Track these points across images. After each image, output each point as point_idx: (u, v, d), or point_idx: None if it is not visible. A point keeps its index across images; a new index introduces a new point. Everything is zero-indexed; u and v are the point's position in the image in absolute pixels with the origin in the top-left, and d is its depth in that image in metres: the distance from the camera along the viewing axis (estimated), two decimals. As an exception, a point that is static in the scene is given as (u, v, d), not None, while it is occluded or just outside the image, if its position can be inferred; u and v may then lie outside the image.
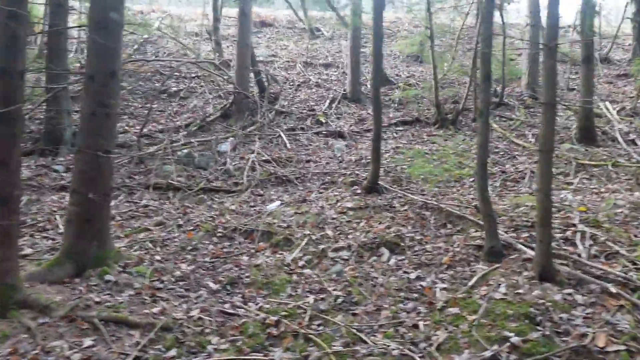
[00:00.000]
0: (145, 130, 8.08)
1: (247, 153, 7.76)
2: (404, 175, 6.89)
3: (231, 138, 8.14)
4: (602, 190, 6.35)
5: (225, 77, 9.83)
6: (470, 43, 14.62)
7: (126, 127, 8.07)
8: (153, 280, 3.79)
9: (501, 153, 8.01)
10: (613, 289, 3.62)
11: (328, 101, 10.40)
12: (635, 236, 4.65)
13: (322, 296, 3.90)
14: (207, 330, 3.24)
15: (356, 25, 10.73)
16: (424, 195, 6.32)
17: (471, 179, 7.06)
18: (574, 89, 12.03)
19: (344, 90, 10.79)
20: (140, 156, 6.87)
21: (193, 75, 10.94)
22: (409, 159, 7.38)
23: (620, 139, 8.31)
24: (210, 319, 3.36)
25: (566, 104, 10.20)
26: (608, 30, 15.72)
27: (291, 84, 11.51)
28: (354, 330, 3.37)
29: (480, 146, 4.43)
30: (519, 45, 13.30)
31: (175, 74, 10.75)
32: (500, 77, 12.44)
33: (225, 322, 3.36)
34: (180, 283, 3.86)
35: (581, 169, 7.16)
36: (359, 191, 6.47)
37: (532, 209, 5.43)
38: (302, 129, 9.17)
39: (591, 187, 6.53)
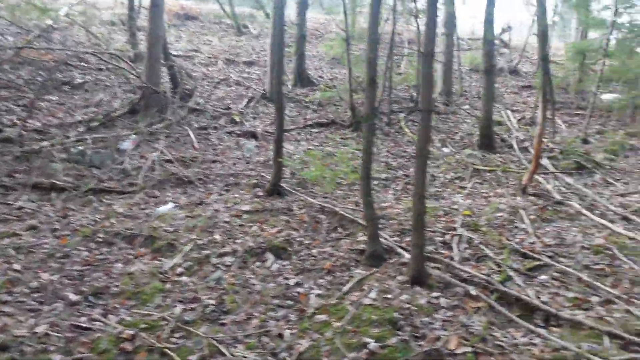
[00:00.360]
0: (38, 124, 7.53)
1: (150, 152, 7.43)
2: (331, 176, 6.87)
3: (134, 135, 7.76)
4: (491, 194, 6.70)
5: (134, 70, 9.35)
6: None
7: (16, 121, 7.45)
8: (1, 293, 3.48)
9: (407, 157, 8.23)
10: (474, 292, 3.79)
11: (246, 100, 10.23)
12: (507, 239, 4.92)
13: (192, 306, 3.76)
14: (51, 348, 3.01)
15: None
16: (325, 198, 6.36)
17: (375, 182, 7.20)
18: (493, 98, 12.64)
19: (264, 90, 10.66)
20: (25, 152, 6.35)
21: (102, 67, 10.34)
22: (318, 161, 7.39)
23: (515, 146, 8.84)
24: (58, 335, 3.12)
25: (469, 112, 10.68)
26: (519, 44, 16.75)
27: (210, 80, 11.22)
28: (215, 342, 3.27)
29: (365, 150, 4.48)
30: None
31: (82, 64, 10.12)
32: (418, 83, 12.91)
33: (75, 338, 3.13)
34: (35, 295, 3.57)
35: (476, 174, 7.52)
36: (260, 193, 6.38)
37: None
38: (215, 128, 8.94)
39: (482, 191, 6.87)
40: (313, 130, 9.21)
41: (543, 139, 6.74)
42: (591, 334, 3.28)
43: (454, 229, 5.08)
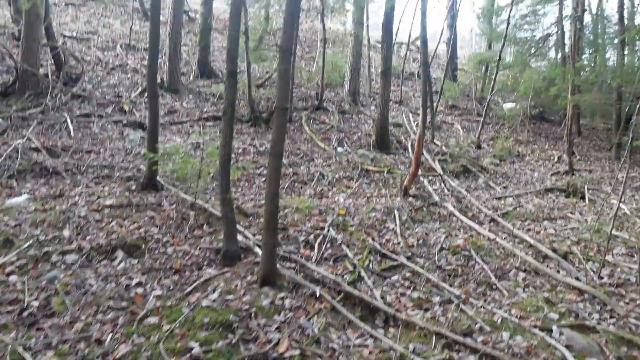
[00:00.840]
0: None
1: (16, 138, 6.74)
2: (191, 171, 6.56)
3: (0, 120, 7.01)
4: (375, 194, 6.77)
5: (9, 49, 8.47)
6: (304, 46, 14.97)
7: None
8: None
9: (301, 155, 8.15)
10: (318, 293, 3.72)
11: (140, 89, 9.65)
12: (373, 239, 4.94)
13: (9, 308, 3.36)
14: None
15: (178, 10, 10.15)
16: (206, 194, 6.10)
17: (263, 179, 7.04)
18: (396, 102, 12.96)
19: (161, 79, 10.13)
20: None
21: (-25, 43, 9.29)
22: (184, 155, 6.94)
23: (409, 148, 9.07)
24: None
25: (366, 113, 10.85)
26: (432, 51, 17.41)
27: (104, 66, 10.48)
28: (22, 349, 2.91)
29: (223, 145, 4.27)
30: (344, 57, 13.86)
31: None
32: (332, 82, 12.95)
33: None
34: None
35: (365, 174, 7.60)
36: (134, 187, 5.98)
37: (297, 210, 5.51)
38: (100, 116, 8.32)
39: (367, 191, 6.93)
40: (208, 124, 8.87)
41: (423, 142, 6.91)
42: (422, 334, 3.31)
43: (323, 228, 5.03)
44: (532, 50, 12.82)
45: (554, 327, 3.37)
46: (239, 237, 4.59)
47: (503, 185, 8.39)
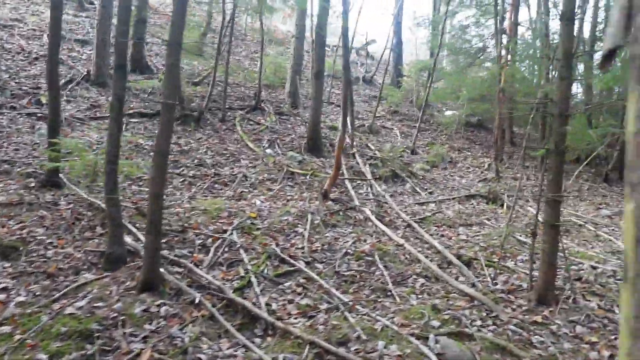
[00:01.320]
0: None
1: None
2: (99, 169, 6.24)
3: None
4: (295, 197, 6.67)
5: None
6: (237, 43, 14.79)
7: None
8: None
9: (227, 155, 7.95)
10: (198, 300, 3.55)
11: (64, 81, 9.15)
12: (278, 244, 4.82)
13: None
14: None
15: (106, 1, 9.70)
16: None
17: (181, 179, 6.80)
18: (338, 105, 12.95)
19: (87, 72, 9.66)
20: None
21: None
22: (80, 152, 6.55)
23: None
24: None
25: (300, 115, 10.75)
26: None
27: (27, 55, 9.89)
28: None
29: (110, 142, 4.04)
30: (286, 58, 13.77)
31: None
32: (274, 83, 12.79)
33: None
34: None
35: (290, 176, 7.48)
36: (33, 184, 5.61)
37: (205, 212, 5.32)
38: (13, 107, 7.82)
39: (289, 194, 6.82)
40: (133, 120, 8.51)
41: (343, 145, 6.87)
42: (296, 343, 3.21)
43: (226, 231, 4.86)
44: (470, 61, 13.14)
45: (431, 335, 3.34)
46: (130, 240, 4.36)
47: (429, 190, 8.49)
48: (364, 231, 5.73)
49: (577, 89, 12.78)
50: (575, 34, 6.20)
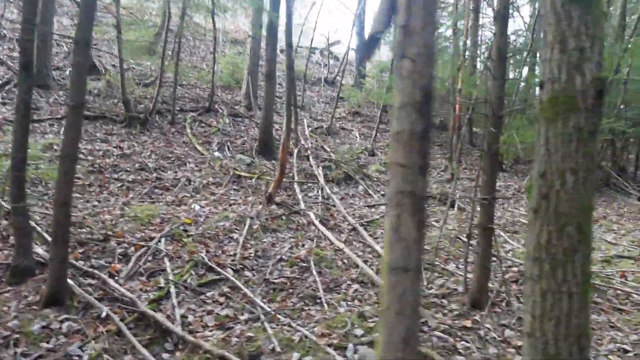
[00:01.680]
0: None
1: None
2: (37, 178, 5.91)
3: None
4: (239, 202, 6.46)
5: None
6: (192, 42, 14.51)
7: None
8: None
9: (173, 159, 7.68)
10: (105, 314, 3.33)
11: (1, 82, 8.72)
12: (209, 251, 4.62)
13: None
14: None
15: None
16: (40, 201, 5.48)
17: (119, 184, 6.51)
18: (301, 106, 12.78)
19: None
20: None
21: None
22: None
23: (294, 155, 8.87)
24: None
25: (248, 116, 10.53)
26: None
27: (-38, 55, 9.39)
28: None
29: (15, 148, 3.76)
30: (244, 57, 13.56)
31: None
32: (230, 84, 12.54)
33: None
34: None
35: (237, 180, 7.28)
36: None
37: (135, 219, 5.07)
38: (-59, 110, 7.37)
39: (232, 198, 6.61)
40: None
41: (287, 148, 6.70)
42: (205, 357, 3.02)
43: (153, 239, 4.63)
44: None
45: (350, 345, 3.20)
46: (42, 251, 4.09)
47: (382, 193, 8.40)
48: (305, 236, 5.58)
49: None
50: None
